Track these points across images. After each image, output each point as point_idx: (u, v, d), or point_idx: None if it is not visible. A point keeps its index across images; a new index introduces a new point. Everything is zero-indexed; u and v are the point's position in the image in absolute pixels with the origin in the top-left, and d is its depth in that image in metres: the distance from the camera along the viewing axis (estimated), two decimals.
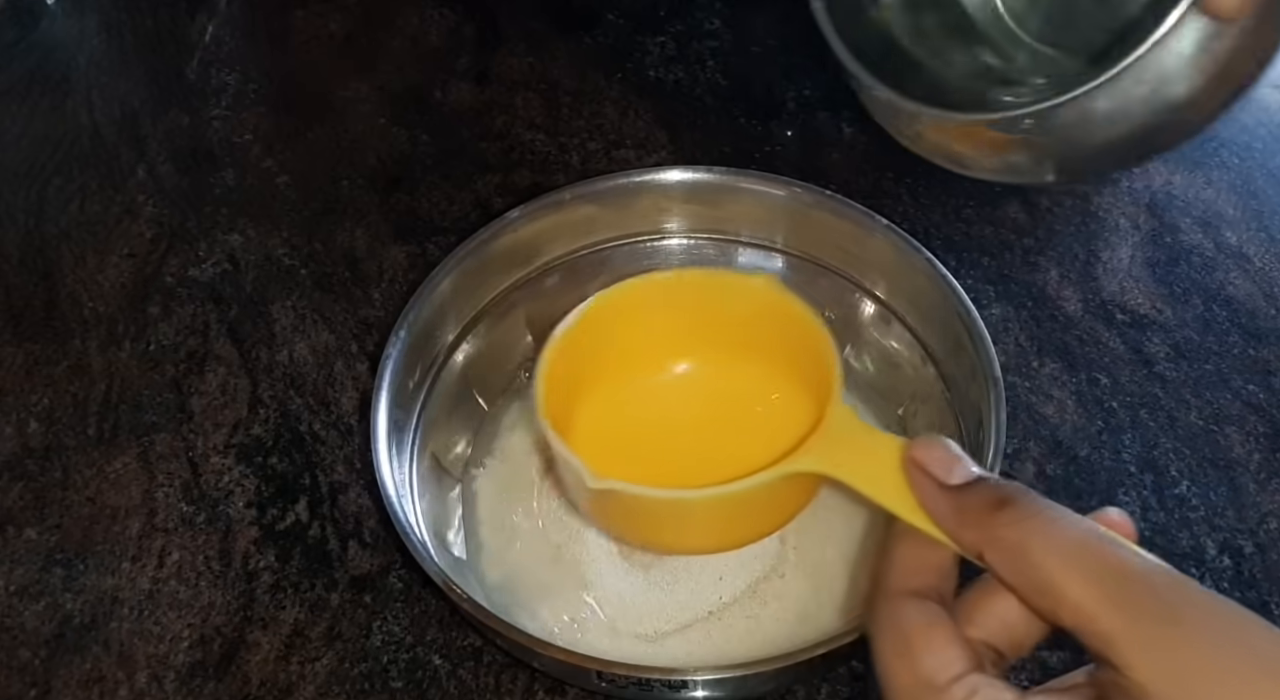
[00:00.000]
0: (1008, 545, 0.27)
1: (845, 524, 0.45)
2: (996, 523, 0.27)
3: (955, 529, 0.28)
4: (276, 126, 0.66)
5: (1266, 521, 0.48)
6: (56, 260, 0.60)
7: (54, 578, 0.48)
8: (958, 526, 0.28)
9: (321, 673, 0.45)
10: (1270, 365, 0.53)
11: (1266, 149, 0.63)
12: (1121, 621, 0.24)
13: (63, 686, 0.45)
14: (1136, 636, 0.24)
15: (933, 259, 0.46)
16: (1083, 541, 0.26)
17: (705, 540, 0.39)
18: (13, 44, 0.71)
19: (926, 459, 0.29)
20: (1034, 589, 0.26)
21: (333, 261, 0.59)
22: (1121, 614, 0.24)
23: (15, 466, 0.51)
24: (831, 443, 0.34)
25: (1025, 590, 0.26)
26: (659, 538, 0.40)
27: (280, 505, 0.50)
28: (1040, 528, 0.26)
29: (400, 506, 0.41)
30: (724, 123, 0.65)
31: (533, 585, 0.45)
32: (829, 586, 0.44)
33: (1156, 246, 0.58)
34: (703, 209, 0.51)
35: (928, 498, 0.29)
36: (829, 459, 0.34)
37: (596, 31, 0.71)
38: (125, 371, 0.55)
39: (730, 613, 0.44)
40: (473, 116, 0.66)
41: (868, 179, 0.62)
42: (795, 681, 0.44)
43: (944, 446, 0.30)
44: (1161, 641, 0.24)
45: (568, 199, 0.49)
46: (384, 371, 0.44)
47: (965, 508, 0.28)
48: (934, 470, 0.29)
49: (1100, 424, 0.51)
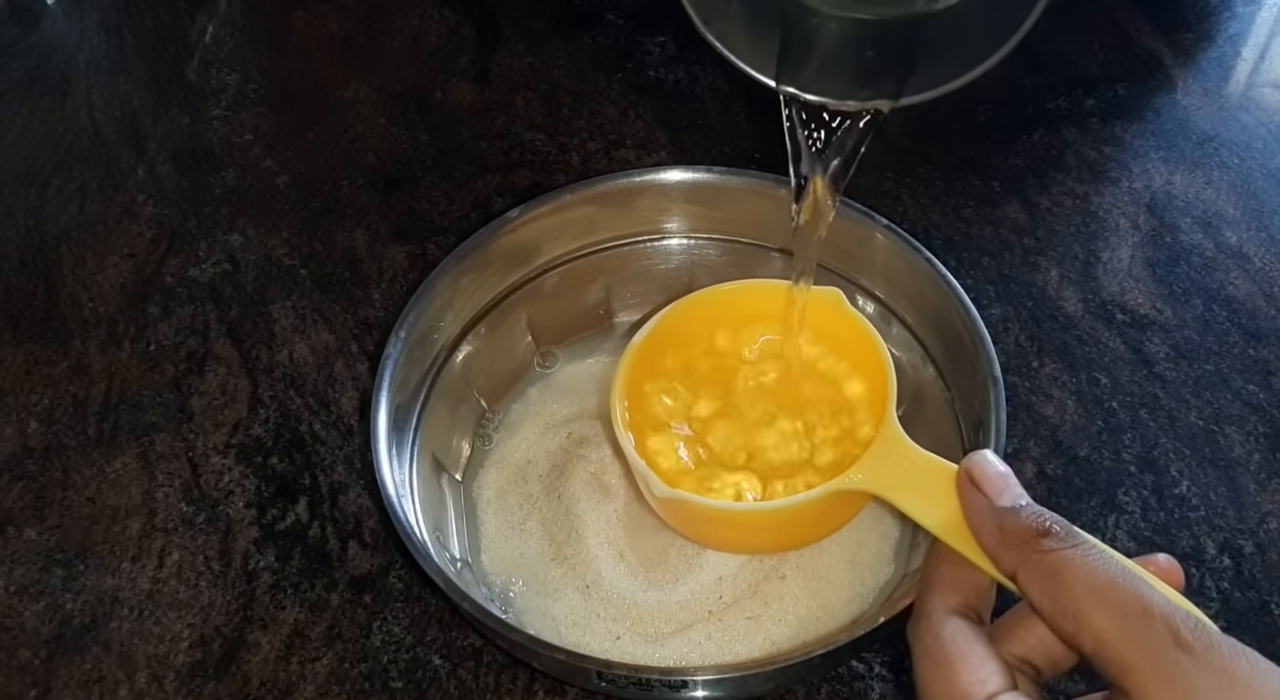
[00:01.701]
0: (1042, 569, 0.28)
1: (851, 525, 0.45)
2: (1035, 547, 0.28)
3: (995, 546, 0.30)
4: (276, 126, 0.66)
5: (1266, 521, 0.48)
6: (56, 260, 0.60)
7: (54, 578, 0.48)
8: (998, 544, 0.30)
9: (321, 673, 0.45)
10: (1270, 365, 0.53)
11: (1266, 149, 0.63)
12: (1138, 652, 0.25)
13: (63, 686, 0.45)
14: (1151, 667, 0.25)
15: (933, 259, 0.46)
16: (1113, 577, 0.27)
17: (761, 544, 0.43)
18: (13, 44, 0.71)
19: (981, 476, 0.31)
20: (1060, 613, 0.27)
21: (333, 261, 0.59)
22: (1139, 645, 0.25)
23: (15, 466, 0.51)
24: (881, 463, 0.36)
25: (1051, 613, 0.28)
26: (720, 540, 0.43)
27: (280, 505, 0.50)
28: (1076, 558, 0.28)
29: (400, 506, 0.41)
30: (724, 123, 0.65)
31: (533, 585, 0.45)
32: (830, 587, 0.44)
33: (1156, 246, 0.58)
34: (703, 209, 0.51)
35: (975, 513, 0.31)
36: (877, 479, 0.36)
37: (596, 31, 0.71)
38: (125, 371, 0.55)
39: (731, 613, 0.44)
40: (473, 116, 0.66)
41: (868, 179, 0.62)
42: (795, 681, 0.44)
43: (999, 467, 0.31)
44: (1175, 673, 0.25)
45: (568, 199, 0.49)
46: (384, 371, 0.44)
47: (1009, 528, 0.29)
48: (986, 488, 0.31)
49: (1100, 424, 0.51)
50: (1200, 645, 0.25)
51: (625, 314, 0.53)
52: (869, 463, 0.37)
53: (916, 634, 0.30)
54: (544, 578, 0.45)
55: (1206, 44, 0.69)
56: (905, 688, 0.44)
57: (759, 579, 0.44)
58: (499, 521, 0.47)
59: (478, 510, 0.48)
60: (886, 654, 0.45)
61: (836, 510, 0.40)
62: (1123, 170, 0.62)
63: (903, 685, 0.44)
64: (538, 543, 0.46)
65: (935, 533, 0.32)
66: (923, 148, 0.63)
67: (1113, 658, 0.26)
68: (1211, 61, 0.68)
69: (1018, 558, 0.29)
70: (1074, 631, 0.27)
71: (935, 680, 0.29)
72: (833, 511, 0.40)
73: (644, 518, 0.46)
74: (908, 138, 0.64)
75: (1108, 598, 0.26)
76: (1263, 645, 0.25)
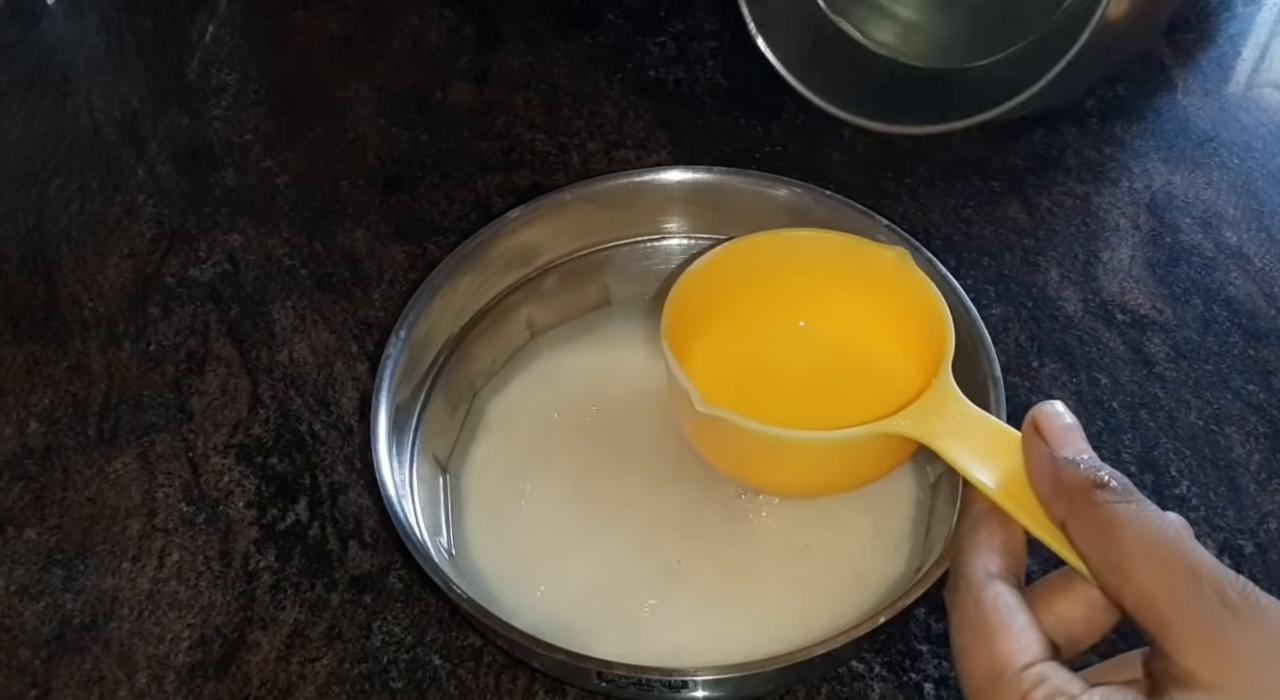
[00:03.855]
0: (1095, 521, 0.28)
1: (850, 525, 0.45)
2: (1091, 499, 0.28)
3: (1049, 495, 0.30)
4: (276, 126, 0.66)
5: (1266, 521, 0.48)
6: (56, 260, 0.60)
7: (54, 578, 0.48)
8: (1052, 492, 0.29)
9: (322, 673, 0.45)
10: (1270, 365, 0.53)
11: (1266, 149, 0.63)
12: (1181, 610, 0.25)
13: (63, 687, 0.45)
14: (1192, 626, 0.25)
15: (933, 259, 0.46)
16: (1165, 535, 0.27)
17: (794, 481, 0.43)
18: (13, 44, 0.71)
19: (1047, 425, 0.30)
20: (1106, 566, 0.27)
21: (333, 261, 0.59)
22: (1183, 603, 0.25)
23: (15, 466, 0.51)
24: (932, 412, 0.36)
25: (1097, 565, 0.28)
26: (753, 471, 0.42)
27: (280, 505, 0.50)
28: (1130, 513, 0.27)
29: (400, 506, 0.41)
30: (724, 123, 0.65)
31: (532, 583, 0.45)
32: (831, 587, 0.44)
33: (1156, 246, 0.58)
34: (703, 209, 0.51)
35: (1034, 460, 0.30)
36: (926, 427, 0.36)
37: (596, 31, 0.71)
38: (125, 372, 0.55)
39: (731, 612, 0.44)
40: (473, 116, 0.66)
41: (868, 179, 0.62)
42: (795, 681, 0.44)
43: (1066, 419, 0.31)
44: (1216, 634, 0.25)
45: (568, 199, 0.49)
46: (384, 371, 0.44)
47: (1065, 478, 0.29)
48: (1050, 438, 0.30)
49: (1100, 424, 0.51)
50: (1247, 606, 0.25)
51: (625, 314, 0.53)
52: (919, 410, 0.36)
53: (956, 599, 0.30)
54: (544, 577, 0.45)
55: (1206, 44, 0.69)
56: (905, 688, 0.44)
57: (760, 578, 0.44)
58: (499, 520, 0.47)
59: (478, 509, 0.48)
60: (886, 654, 0.45)
61: (877, 457, 0.39)
62: (1123, 170, 0.62)
63: (903, 685, 0.44)
64: (538, 541, 0.46)
65: (978, 484, 0.32)
66: (923, 148, 0.63)
67: (1154, 614, 0.26)
68: (1211, 61, 0.68)
69: (1070, 508, 0.29)
70: (1118, 585, 0.27)
71: (975, 647, 0.28)
72: (873, 457, 0.39)
73: (644, 515, 0.46)
74: (908, 138, 0.64)
75: (1156, 554, 0.26)
76: None
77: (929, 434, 0.35)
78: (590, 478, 0.48)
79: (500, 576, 0.46)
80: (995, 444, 0.33)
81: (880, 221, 0.47)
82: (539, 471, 0.48)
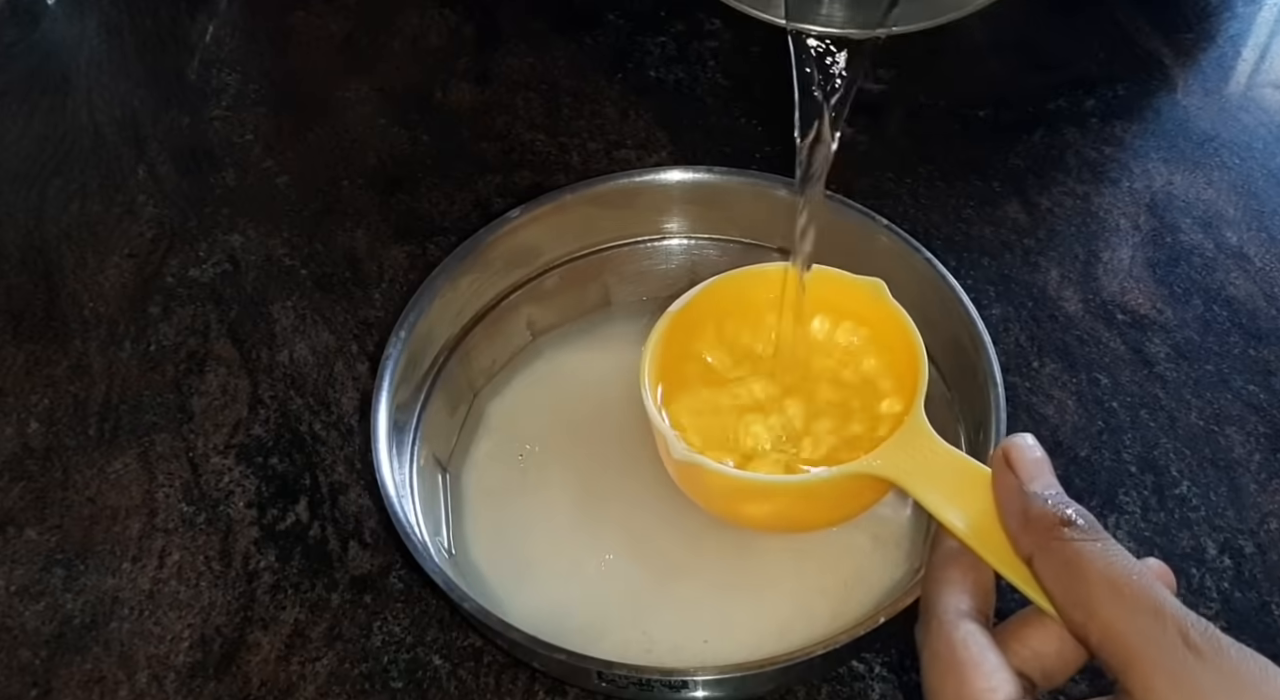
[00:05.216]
0: (1059, 556, 0.28)
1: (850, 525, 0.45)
2: (1058, 534, 0.28)
3: (1017, 528, 0.30)
4: (276, 126, 0.66)
5: (1267, 521, 0.48)
6: (56, 260, 0.60)
7: (54, 578, 0.48)
8: (1020, 526, 0.30)
9: (322, 673, 0.45)
10: (1270, 365, 0.53)
11: (1266, 149, 0.63)
12: (1146, 647, 0.26)
13: (63, 686, 0.45)
14: (1159, 663, 0.25)
15: (933, 259, 0.46)
16: (1128, 573, 0.27)
17: (776, 521, 0.43)
18: (13, 44, 0.71)
19: (1018, 458, 0.31)
20: (1071, 601, 0.28)
21: (333, 261, 0.59)
22: (1147, 641, 0.26)
23: (15, 466, 0.51)
24: (903, 451, 0.36)
25: (1062, 601, 0.28)
26: (734, 512, 0.43)
27: (280, 505, 0.50)
28: (1094, 550, 0.28)
29: (400, 507, 0.41)
30: (724, 123, 0.65)
31: (532, 582, 0.45)
32: (830, 587, 0.44)
33: (1157, 246, 0.58)
34: (703, 209, 0.51)
35: (1004, 493, 0.31)
36: (896, 467, 0.36)
37: (596, 31, 0.71)
38: (125, 372, 0.55)
39: (731, 612, 0.44)
40: (473, 116, 0.66)
41: (868, 179, 0.62)
42: (795, 681, 0.44)
43: (1036, 453, 0.31)
44: (1179, 674, 0.25)
45: (568, 199, 0.49)
46: (384, 371, 0.44)
47: (1033, 513, 0.29)
48: (1020, 471, 0.31)
49: (1100, 424, 0.51)
50: (1209, 648, 0.25)
51: (626, 314, 0.53)
52: (891, 450, 0.36)
53: (927, 637, 0.30)
54: (543, 578, 0.45)
55: (1206, 44, 0.69)
56: (905, 688, 0.44)
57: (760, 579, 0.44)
58: (499, 520, 0.47)
59: (477, 509, 0.48)
60: (887, 654, 0.45)
61: (851, 496, 0.39)
62: (1123, 170, 0.62)
63: (903, 685, 0.44)
64: (538, 541, 0.46)
65: (947, 525, 0.32)
66: (923, 148, 0.63)
67: (1119, 651, 0.26)
68: (1211, 61, 0.68)
69: (1037, 542, 0.29)
70: (1083, 621, 0.27)
71: (946, 686, 0.28)
72: (847, 496, 0.40)
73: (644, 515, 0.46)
74: (908, 138, 0.64)
75: (1120, 592, 0.26)
76: (1263, 645, 0.25)
77: (900, 473, 0.36)
78: (590, 478, 0.48)
79: (500, 576, 0.46)
80: (966, 482, 0.33)
81: (880, 221, 0.47)
82: (539, 471, 0.48)
